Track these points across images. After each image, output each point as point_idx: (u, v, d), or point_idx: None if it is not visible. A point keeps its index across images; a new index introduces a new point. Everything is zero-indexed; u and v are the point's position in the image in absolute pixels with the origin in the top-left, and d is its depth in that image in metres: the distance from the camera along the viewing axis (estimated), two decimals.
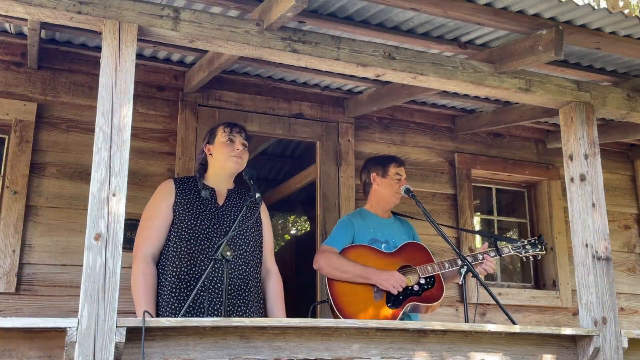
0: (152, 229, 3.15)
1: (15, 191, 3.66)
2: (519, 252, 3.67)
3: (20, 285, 3.59)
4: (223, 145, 3.28)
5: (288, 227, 10.47)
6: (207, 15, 2.90)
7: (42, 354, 2.40)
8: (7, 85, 3.81)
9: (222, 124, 3.37)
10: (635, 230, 5.28)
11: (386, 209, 3.80)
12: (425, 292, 3.50)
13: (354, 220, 3.68)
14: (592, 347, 3.12)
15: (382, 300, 3.46)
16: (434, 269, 3.53)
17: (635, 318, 5.03)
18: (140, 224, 3.21)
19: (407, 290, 3.48)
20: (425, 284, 3.53)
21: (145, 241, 3.13)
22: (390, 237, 3.68)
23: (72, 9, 2.65)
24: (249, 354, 2.62)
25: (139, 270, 3.06)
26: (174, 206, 3.19)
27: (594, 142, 3.47)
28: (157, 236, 3.14)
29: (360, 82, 4.29)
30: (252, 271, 3.22)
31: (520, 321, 4.59)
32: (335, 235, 3.65)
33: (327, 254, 3.54)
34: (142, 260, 3.08)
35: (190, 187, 3.27)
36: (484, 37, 3.49)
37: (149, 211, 3.22)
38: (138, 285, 3.04)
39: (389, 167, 3.76)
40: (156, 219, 3.17)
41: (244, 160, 3.30)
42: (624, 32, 3.25)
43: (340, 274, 3.48)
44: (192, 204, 3.20)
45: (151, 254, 3.12)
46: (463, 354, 2.96)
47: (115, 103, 2.61)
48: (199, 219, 3.17)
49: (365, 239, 3.63)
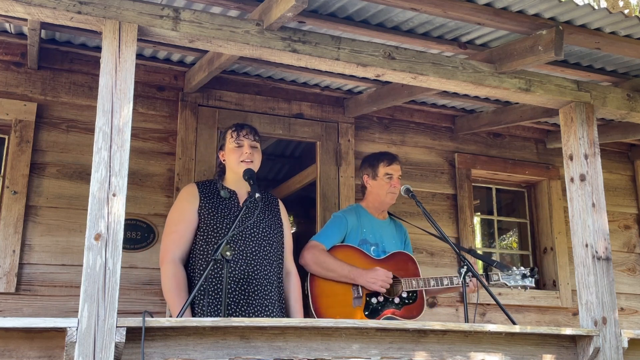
0: (179, 233, 3.19)
1: (15, 191, 3.66)
2: (507, 281, 3.65)
3: (20, 285, 3.59)
4: (232, 152, 3.33)
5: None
6: (207, 15, 2.90)
7: (42, 354, 2.40)
8: (7, 85, 3.81)
9: (229, 128, 3.41)
10: (635, 230, 5.28)
11: (382, 210, 3.77)
12: (405, 307, 3.46)
13: (348, 218, 3.63)
14: (592, 347, 3.13)
15: (360, 307, 3.42)
16: (418, 284, 3.49)
17: (635, 318, 5.03)
18: (166, 229, 3.25)
19: (387, 301, 3.45)
20: (407, 298, 3.49)
21: (172, 244, 3.17)
22: (380, 240, 3.65)
23: (72, 9, 2.65)
24: (249, 354, 2.62)
25: (170, 273, 3.10)
26: (199, 210, 3.23)
27: (594, 142, 3.47)
28: (184, 240, 3.19)
29: (360, 82, 4.29)
30: (276, 271, 3.27)
31: (520, 321, 4.59)
32: (326, 231, 3.59)
33: (315, 250, 3.48)
34: (170, 263, 3.12)
35: (212, 191, 3.32)
36: (484, 37, 3.49)
37: (174, 215, 3.26)
38: (171, 288, 3.07)
39: (378, 168, 3.72)
40: (182, 223, 3.21)
41: (256, 162, 3.33)
42: (624, 32, 3.26)
43: (326, 273, 3.44)
44: (216, 208, 3.25)
45: (179, 256, 3.16)
46: (463, 354, 2.95)
47: (115, 103, 2.61)
48: (224, 222, 3.22)
49: (355, 238, 3.59)
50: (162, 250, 3.20)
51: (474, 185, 4.92)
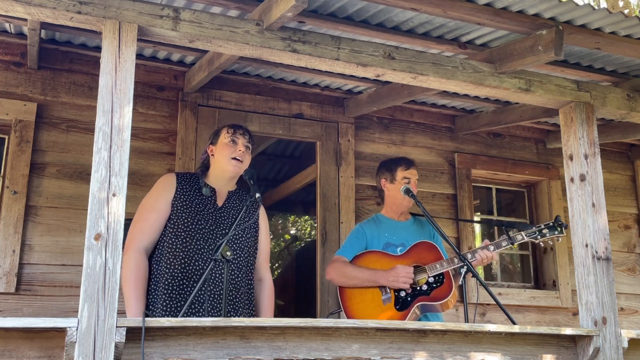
0: (148, 222, 3.10)
1: (15, 191, 3.66)
2: (534, 237, 3.51)
3: (20, 285, 3.59)
4: (225, 146, 3.23)
5: (288, 227, 10.46)
6: (207, 15, 2.90)
7: (42, 354, 2.40)
8: (7, 85, 3.81)
9: (226, 126, 3.33)
10: (635, 230, 5.28)
11: (400, 212, 3.78)
12: (434, 291, 3.48)
13: (366, 228, 3.69)
14: (592, 347, 3.12)
15: (391, 304, 3.46)
16: (442, 266, 3.48)
17: (635, 318, 5.03)
18: (136, 215, 3.15)
19: (415, 291, 3.47)
20: (434, 282, 3.50)
21: (140, 233, 3.08)
22: (406, 239, 3.66)
23: (72, 9, 2.65)
24: (249, 354, 2.62)
25: (132, 263, 3.00)
26: (172, 201, 3.14)
27: (594, 142, 3.47)
28: (152, 229, 3.10)
29: (360, 82, 4.29)
30: (244, 277, 3.16)
31: (520, 321, 4.59)
32: (346, 245, 3.68)
33: (337, 264, 3.56)
34: (135, 252, 3.02)
35: (192, 184, 3.23)
36: (484, 37, 3.49)
37: (147, 203, 3.17)
38: (129, 279, 2.97)
39: (396, 172, 3.74)
40: (154, 212, 3.12)
41: (245, 163, 3.24)
42: (624, 32, 3.26)
43: (351, 281, 3.51)
44: (191, 201, 3.16)
45: (145, 247, 3.07)
46: (463, 354, 2.95)
47: (115, 103, 2.61)
48: (197, 217, 3.13)
49: (379, 244, 3.63)
50: (129, 237, 3.07)
51: (474, 185, 4.93)
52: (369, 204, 4.50)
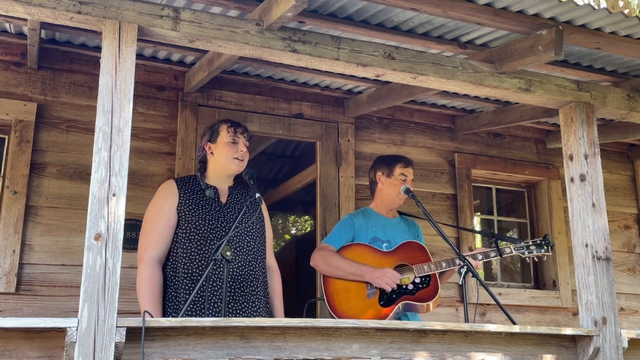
0: (157, 232, 3.11)
1: (15, 191, 3.66)
2: (521, 252, 3.59)
3: (20, 285, 3.59)
4: (226, 146, 3.24)
5: (288, 227, 10.46)
6: (207, 15, 2.90)
7: (42, 354, 2.40)
8: (7, 85, 3.81)
9: (224, 122, 3.33)
10: (635, 230, 5.28)
11: (390, 209, 3.79)
12: (419, 292, 3.49)
13: (355, 219, 3.69)
14: (592, 347, 3.12)
15: (375, 299, 3.46)
16: (430, 268, 3.51)
17: (635, 318, 5.03)
18: (143, 227, 3.15)
19: (400, 289, 3.48)
20: (420, 283, 3.51)
21: (150, 244, 3.08)
22: (392, 236, 3.68)
23: (72, 9, 2.64)
24: (249, 354, 2.62)
25: (147, 275, 3.01)
26: (178, 207, 3.15)
27: (594, 142, 3.47)
28: (162, 238, 3.10)
29: (360, 82, 4.29)
30: (260, 267, 3.23)
31: (520, 321, 4.59)
32: (334, 234, 3.66)
33: (324, 251, 3.55)
34: (147, 264, 3.04)
35: (193, 187, 3.24)
36: (484, 37, 3.49)
37: (151, 213, 3.17)
38: (145, 291, 2.99)
39: (394, 167, 3.75)
40: (160, 221, 3.12)
41: (245, 162, 3.29)
42: (624, 32, 3.26)
43: (335, 272, 3.50)
44: (197, 204, 3.17)
45: (157, 257, 3.08)
46: (463, 354, 2.96)
47: (115, 103, 2.61)
48: (206, 218, 3.15)
49: (366, 237, 3.63)
50: (140, 249, 3.10)
51: (474, 185, 4.93)
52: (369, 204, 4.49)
